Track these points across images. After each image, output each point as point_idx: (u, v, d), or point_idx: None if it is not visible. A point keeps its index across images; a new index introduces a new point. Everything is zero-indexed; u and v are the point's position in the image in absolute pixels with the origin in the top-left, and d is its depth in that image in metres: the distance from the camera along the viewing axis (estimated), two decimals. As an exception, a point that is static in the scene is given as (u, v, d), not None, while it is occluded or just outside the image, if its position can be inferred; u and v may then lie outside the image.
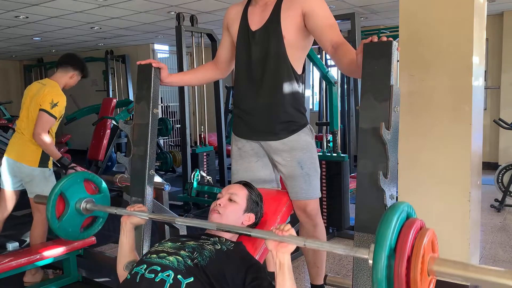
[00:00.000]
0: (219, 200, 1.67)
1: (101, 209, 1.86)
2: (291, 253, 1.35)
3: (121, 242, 1.68)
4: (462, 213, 2.51)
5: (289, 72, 1.90)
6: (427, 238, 1.07)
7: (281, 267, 1.30)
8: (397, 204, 1.12)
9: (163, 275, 1.34)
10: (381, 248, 1.04)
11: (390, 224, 1.06)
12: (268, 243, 1.32)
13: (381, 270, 1.03)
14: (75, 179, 1.87)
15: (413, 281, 1.04)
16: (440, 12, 2.48)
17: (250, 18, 1.95)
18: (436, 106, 2.54)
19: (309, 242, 1.25)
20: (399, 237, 1.07)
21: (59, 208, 1.81)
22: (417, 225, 1.09)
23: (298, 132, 1.95)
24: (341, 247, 1.20)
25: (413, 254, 1.04)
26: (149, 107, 1.89)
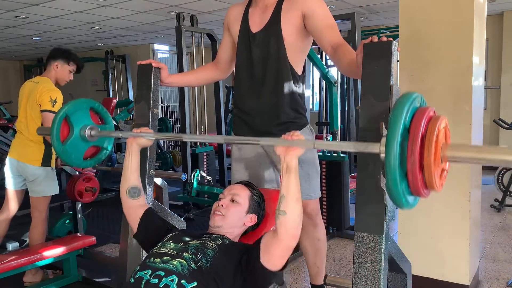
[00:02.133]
0: (221, 201, 1.67)
1: (106, 134, 1.83)
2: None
3: (125, 165, 1.69)
4: (462, 213, 2.51)
5: (289, 73, 1.90)
6: (441, 122, 1.06)
7: (288, 169, 1.36)
8: (409, 92, 1.11)
9: (167, 280, 1.35)
10: (395, 127, 1.02)
11: (404, 105, 1.05)
12: (277, 149, 1.37)
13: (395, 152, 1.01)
14: (80, 104, 1.83)
15: (426, 161, 1.02)
16: (440, 12, 2.48)
17: (251, 19, 1.95)
18: (436, 106, 2.51)
19: (318, 144, 1.26)
20: (413, 118, 1.06)
21: (63, 132, 1.78)
22: (431, 111, 1.09)
23: (298, 132, 1.94)
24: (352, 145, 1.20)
25: (427, 134, 1.03)
26: (149, 107, 1.89)
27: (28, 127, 2.79)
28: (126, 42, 8.46)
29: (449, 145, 1.07)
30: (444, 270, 2.59)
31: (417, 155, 1.02)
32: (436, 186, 1.06)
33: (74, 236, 3.12)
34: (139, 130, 1.69)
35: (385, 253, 1.27)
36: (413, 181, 1.04)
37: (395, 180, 1.03)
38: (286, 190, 1.37)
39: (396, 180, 1.03)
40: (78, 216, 3.48)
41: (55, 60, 2.93)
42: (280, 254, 1.39)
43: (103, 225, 4.47)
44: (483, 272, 2.97)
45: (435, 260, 2.60)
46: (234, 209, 1.65)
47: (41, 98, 2.74)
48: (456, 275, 2.56)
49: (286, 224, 1.36)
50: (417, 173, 1.03)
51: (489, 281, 2.84)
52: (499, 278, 2.87)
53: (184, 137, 1.60)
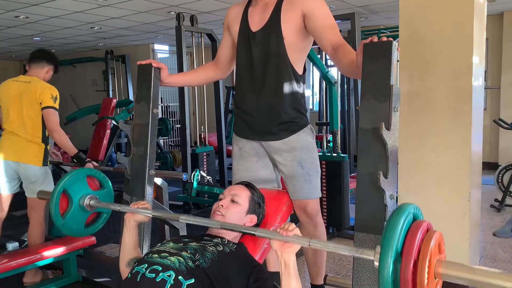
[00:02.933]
0: (221, 201, 1.67)
1: (104, 206, 1.85)
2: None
3: (124, 240, 1.68)
4: (462, 213, 2.51)
5: (290, 73, 1.90)
6: (434, 241, 1.06)
7: (287, 267, 1.30)
8: (403, 206, 1.11)
9: (164, 275, 1.34)
10: (387, 251, 1.03)
11: (397, 227, 1.06)
12: (272, 243, 1.31)
13: (387, 274, 1.02)
14: (77, 175, 1.86)
15: (419, 285, 1.03)
16: (440, 12, 2.48)
17: (251, 19, 1.95)
18: (436, 106, 2.54)
19: (314, 243, 1.24)
20: (406, 240, 1.06)
21: (62, 205, 1.80)
22: (424, 227, 1.09)
23: (298, 132, 1.95)
24: (347, 248, 1.19)
25: (420, 258, 1.04)
26: (149, 107, 1.89)
27: (25, 127, 2.77)
28: (126, 42, 8.46)
29: (443, 263, 1.08)
30: (444, 270, 2.58)
31: (410, 279, 1.03)
32: None
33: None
34: (136, 206, 1.65)
35: (385, 253, 1.27)
36: None
37: None
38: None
39: None
40: (78, 216, 3.48)
41: (49, 64, 2.94)
42: None
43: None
44: (483, 272, 2.97)
45: (435, 260, 2.60)
46: (234, 210, 1.64)
47: (42, 96, 2.75)
48: (456, 275, 2.55)
49: None
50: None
51: (489, 281, 2.84)
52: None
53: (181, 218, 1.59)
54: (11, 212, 4.99)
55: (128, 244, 1.66)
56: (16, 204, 2.92)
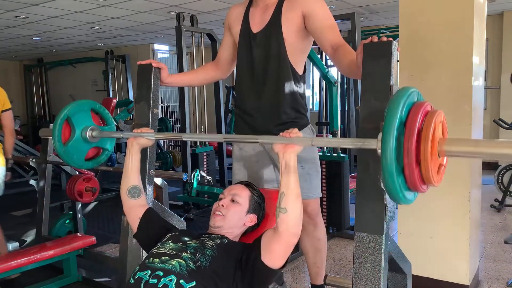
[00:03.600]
0: (221, 201, 1.67)
1: (107, 135, 1.85)
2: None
3: (126, 165, 1.70)
4: (462, 213, 2.51)
5: (290, 73, 1.90)
6: (437, 117, 1.05)
7: (287, 167, 1.35)
8: (406, 87, 1.11)
9: (166, 280, 1.35)
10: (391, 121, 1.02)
11: (400, 100, 1.05)
12: (275, 146, 1.36)
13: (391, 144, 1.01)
14: (82, 106, 1.85)
15: (423, 155, 1.01)
16: (440, 12, 2.48)
17: (251, 19, 1.95)
18: (436, 106, 2.51)
19: (316, 141, 1.26)
20: (409, 113, 1.05)
21: (65, 134, 1.80)
22: (427, 105, 1.09)
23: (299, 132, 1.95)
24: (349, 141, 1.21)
25: (424, 129, 1.02)
26: (149, 107, 1.89)
27: None
28: (126, 42, 8.46)
29: (446, 140, 1.06)
30: (444, 270, 2.59)
31: (414, 149, 1.01)
32: (433, 180, 1.06)
33: (74, 236, 3.11)
34: (139, 130, 1.69)
35: (385, 253, 1.27)
36: (410, 176, 1.04)
37: (392, 174, 1.03)
38: (286, 188, 1.37)
39: (393, 174, 1.03)
40: (78, 216, 3.48)
41: None
42: (281, 252, 1.39)
43: (103, 225, 4.47)
44: (483, 272, 2.97)
45: (435, 260, 2.60)
46: (234, 209, 1.65)
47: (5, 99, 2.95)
48: (456, 275, 2.56)
49: (287, 222, 1.36)
50: (414, 167, 1.03)
51: (489, 281, 2.84)
52: (499, 278, 2.87)
53: (184, 136, 1.62)
54: (11, 212, 5.01)
55: (131, 169, 1.69)
56: (16, 204, 2.94)
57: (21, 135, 7.15)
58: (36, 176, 3.32)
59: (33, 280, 2.83)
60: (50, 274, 2.96)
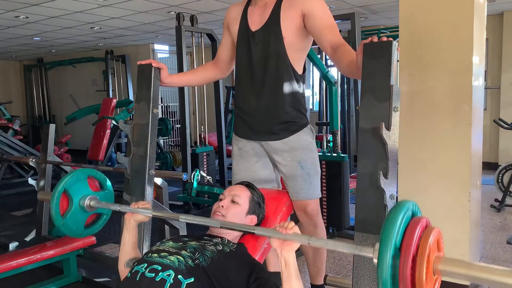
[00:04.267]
0: (221, 202, 1.67)
1: (105, 206, 1.85)
2: None
3: (123, 239, 1.68)
4: (462, 213, 2.51)
5: (290, 73, 1.90)
6: (433, 237, 1.06)
7: (287, 265, 1.30)
8: (402, 203, 1.11)
9: (164, 274, 1.34)
10: (386, 247, 1.03)
11: (396, 223, 1.06)
12: (272, 241, 1.30)
13: (386, 270, 1.02)
14: (78, 176, 1.86)
15: (418, 281, 1.03)
16: (440, 12, 2.48)
17: (250, 18, 1.95)
18: (436, 106, 2.54)
19: (313, 240, 1.24)
20: (405, 236, 1.06)
21: (63, 205, 1.80)
22: (423, 223, 1.08)
23: (298, 132, 1.95)
24: (345, 246, 1.19)
25: (419, 254, 1.04)
26: (149, 107, 1.89)
27: None
28: (126, 42, 8.46)
29: (442, 259, 1.07)
30: (444, 270, 2.58)
31: (409, 275, 1.03)
32: None
33: (74, 236, 3.11)
34: (136, 206, 1.65)
35: (385, 253, 1.27)
36: None
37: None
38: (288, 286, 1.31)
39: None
40: (78, 216, 3.48)
41: None
42: None
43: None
44: (483, 272, 2.96)
45: (435, 260, 2.60)
46: (235, 210, 1.65)
47: None
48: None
49: None
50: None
51: (489, 281, 2.84)
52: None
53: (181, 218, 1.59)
54: (11, 212, 5.01)
55: (128, 244, 1.66)
56: (16, 204, 2.94)
57: (21, 135, 7.14)
58: (36, 176, 3.32)
59: (33, 280, 2.83)
60: (50, 274, 2.96)
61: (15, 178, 6.39)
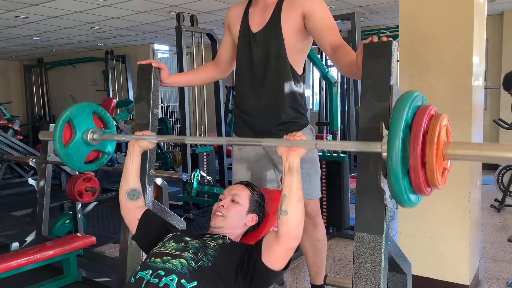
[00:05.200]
0: (221, 201, 1.67)
1: (108, 137, 1.84)
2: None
3: (126, 167, 1.70)
4: (462, 213, 2.51)
5: (290, 73, 1.90)
6: (442, 120, 1.06)
7: (290, 169, 1.36)
8: (411, 90, 1.12)
9: (167, 279, 1.35)
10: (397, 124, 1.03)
11: (406, 102, 1.06)
12: (278, 149, 1.36)
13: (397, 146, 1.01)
14: (84, 108, 1.85)
15: (428, 159, 1.02)
16: (440, 12, 2.48)
17: (251, 19, 1.95)
18: (436, 106, 2.51)
19: (320, 144, 1.26)
20: (415, 115, 1.06)
21: (66, 135, 1.79)
22: (432, 109, 1.09)
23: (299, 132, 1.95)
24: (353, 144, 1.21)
25: (429, 131, 1.03)
26: (149, 107, 1.89)
27: None
28: (126, 42, 8.46)
29: (451, 143, 1.07)
30: (444, 270, 2.59)
31: (419, 152, 1.02)
32: (438, 183, 1.06)
33: (74, 236, 3.11)
34: (141, 133, 1.69)
35: (385, 253, 1.27)
36: (415, 178, 1.05)
37: (397, 177, 1.03)
38: (288, 190, 1.37)
39: (398, 177, 1.03)
40: (78, 216, 3.48)
41: None
42: (281, 254, 1.39)
43: (103, 225, 4.47)
44: (483, 272, 2.97)
45: (435, 260, 2.60)
46: (235, 210, 1.65)
47: None
48: (456, 275, 2.56)
49: (288, 224, 1.36)
50: (419, 170, 1.04)
51: (489, 281, 2.84)
52: (499, 278, 2.87)
53: (186, 139, 1.62)
54: (11, 212, 5.02)
55: (131, 172, 1.69)
56: (16, 204, 2.94)
57: (21, 135, 7.14)
58: (36, 176, 3.32)
59: (33, 280, 2.83)
60: (50, 274, 2.96)
61: (15, 178, 6.39)
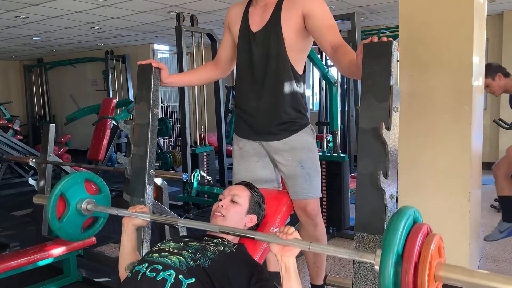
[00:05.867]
0: (221, 202, 1.67)
1: (102, 210, 1.85)
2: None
3: (122, 244, 1.67)
4: (462, 213, 2.51)
5: (290, 73, 1.90)
6: (434, 244, 1.06)
7: (287, 270, 1.29)
8: (404, 209, 1.11)
9: (165, 274, 1.34)
10: (388, 254, 1.04)
11: (398, 230, 1.06)
12: (272, 246, 1.30)
13: (388, 277, 1.03)
14: (75, 179, 1.85)
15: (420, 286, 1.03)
16: (440, 12, 2.48)
17: (251, 19, 1.95)
18: (436, 106, 2.54)
19: (314, 246, 1.24)
20: (406, 243, 1.06)
21: (59, 209, 1.80)
22: (424, 230, 1.09)
23: (299, 132, 1.95)
24: (346, 252, 1.18)
25: (421, 260, 1.04)
26: (149, 107, 1.89)
27: None
28: (126, 42, 8.46)
29: (443, 266, 1.08)
30: (444, 270, 2.58)
31: (411, 282, 1.03)
32: None
33: (74, 236, 3.11)
34: (134, 210, 1.64)
35: (385, 253, 1.27)
36: None
37: None
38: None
39: None
40: (78, 216, 3.48)
41: None
42: None
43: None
44: (483, 272, 2.96)
45: (435, 260, 2.60)
46: (234, 210, 1.64)
47: None
48: (456, 275, 2.55)
49: None
50: None
51: (489, 281, 2.84)
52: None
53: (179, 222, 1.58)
54: (11, 212, 5.01)
55: (127, 248, 1.65)
56: (16, 204, 2.94)
57: (21, 135, 7.14)
58: (36, 176, 3.32)
59: (33, 280, 2.83)
60: (50, 274, 2.96)
61: (15, 178, 6.39)
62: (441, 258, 1.11)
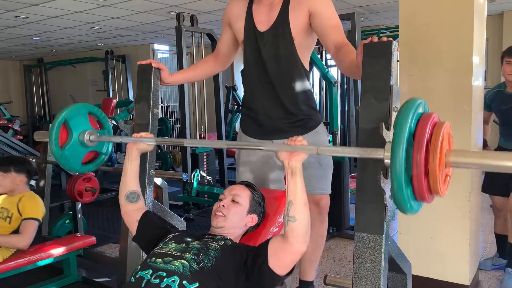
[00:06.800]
0: (222, 201, 1.67)
1: (105, 139, 1.83)
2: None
3: (125, 170, 1.69)
4: (462, 213, 2.51)
5: (301, 71, 1.92)
6: (445, 129, 1.07)
7: (293, 173, 1.34)
8: (413, 98, 1.13)
9: (169, 280, 1.35)
10: (401, 131, 1.03)
11: (410, 111, 1.07)
12: (280, 154, 1.35)
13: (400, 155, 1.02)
14: (79, 109, 1.84)
15: (432, 166, 1.03)
16: (440, 12, 2.48)
17: (256, 17, 1.93)
18: (436, 106, 2.53)
19: (322, 149, 1.26)
20: (418, 123, 1.07)
21: (62, 137, 1.78)
22: (434, 117, 1.10)
23: (316, 129, 1.98)
24: (355, 150, 1.20)
25: (432, 140, 1.04)
26: (149, 107, 1.89)
27: None
28: (126, 42, 8.46)
29: (453, 151, 1.07)
30: (444, 270, 2.59)
31: (423, 161, 1.03)
32: (440, 191, 1.07)
33: (74, 236, 3.12)
34: (139, 135, 1.66)
35: (385, 253, 1.27)
36: (418, 187, 1.06)
37: (401, 186, 1.04)
38: (293, 196, 1.35)
39: (401, 185, 1.04)
40: (78, 216, 3.48)
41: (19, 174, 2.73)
42: (290, 259, 1.38)
43: (103, 225, 4.47)
44: (483, 272, 2.97)
45: (435, 260, 2.60)
46: (235, 210, 1.65)
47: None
48: (456, 275, 2.56)
49: (298, 230, 1.35)
50: (422, 178, 1.05)
51: (489, 281, 2.84)
52: (499, 278, 2.87)
53: (185, 142, 1.59)
54: (11, 212, 4.99)
55: (129, 174, 1.68)
56: (16, 204, 2.93)
57: (21, 135, 7.14)
58: (36, 176, 3.32)
59: (33, 280, 2.83)
60: (50, 274, 2.96)
61: (15, 178, 6.37)
62: (450, 146, 1.10)
